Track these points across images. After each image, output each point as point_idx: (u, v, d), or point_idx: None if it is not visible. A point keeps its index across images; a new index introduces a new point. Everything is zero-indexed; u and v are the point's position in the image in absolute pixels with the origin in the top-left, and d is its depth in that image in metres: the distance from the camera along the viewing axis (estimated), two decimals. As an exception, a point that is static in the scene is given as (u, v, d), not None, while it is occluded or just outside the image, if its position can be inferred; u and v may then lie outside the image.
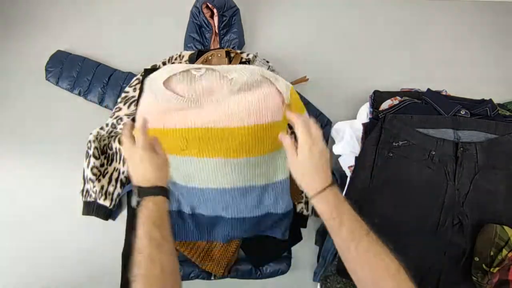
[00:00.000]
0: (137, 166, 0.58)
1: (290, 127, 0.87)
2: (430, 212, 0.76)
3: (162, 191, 0.57)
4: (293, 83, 0.94)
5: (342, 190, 0.86)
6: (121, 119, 0.88)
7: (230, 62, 0.94)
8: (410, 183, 0.77)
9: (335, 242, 0.53)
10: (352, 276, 0.51)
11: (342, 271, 0.78)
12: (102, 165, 0.86)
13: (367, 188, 0.80)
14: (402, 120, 0.80)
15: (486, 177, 0.76)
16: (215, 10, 0.94)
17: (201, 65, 0.77)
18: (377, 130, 0.82)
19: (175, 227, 0.80)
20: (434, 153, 0.77)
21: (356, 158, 0.84)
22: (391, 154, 0.79)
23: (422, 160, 0.78)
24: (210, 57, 0.92)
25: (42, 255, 0.87)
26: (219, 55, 0.92)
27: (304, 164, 0.54)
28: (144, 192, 0.56)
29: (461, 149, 0.77)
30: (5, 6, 1.08)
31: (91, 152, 0.84)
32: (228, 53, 0.94)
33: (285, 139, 0.58)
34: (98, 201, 0.84)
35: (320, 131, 0.56)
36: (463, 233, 0.74)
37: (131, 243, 0.82)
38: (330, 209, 0.52)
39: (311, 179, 0.54)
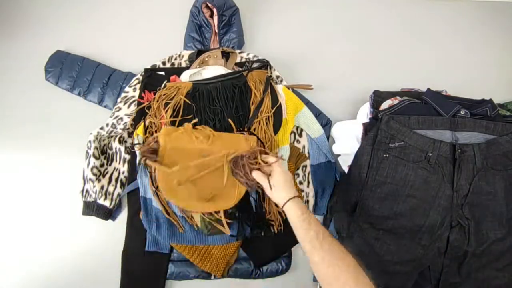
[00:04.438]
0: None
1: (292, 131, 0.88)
2: (427, 214, 0.76)
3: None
4: (295, 87, 0.94)
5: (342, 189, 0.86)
6: (121, 119, 0.88)
7: (227, 61, 0.94)
8: (406, 184, 0.77)
9: (303, 246, 0.60)
10: (317, 274, 0.57)
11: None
12: (102, 165, 0.86)
13: (362, 188, 0.80)
14: (399, 121, 0.80)
15: (485, 179, 0.76)
16: (214, 10, 0.94)
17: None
18: (374, 131, 0.82)
19: (170, 229, 0.80)
20: (430, 154, 0.77)
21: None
22: (387, 155, 0.79)
23: (419, 161, 0.78)
24: (206, 59, 0.93)
25: (42, 255, 0.87)
26: (215, 56, 0.92)
27: (277, 184, 0.67)
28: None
29: (459, 151, 0.76)
30: (5, 6, 1.08)
31: (91, 152, 0.84)
32: (224, 53, 0.94)
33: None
34: (98, 201, 0.84)
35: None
36: (464, 234, 0.74)
37: (131, 242, 0.83)
38: (301, 211, 0.62)
39: (282, 191, 0.66)
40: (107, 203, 0.84)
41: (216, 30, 0.98)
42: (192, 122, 0.74)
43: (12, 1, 1.09)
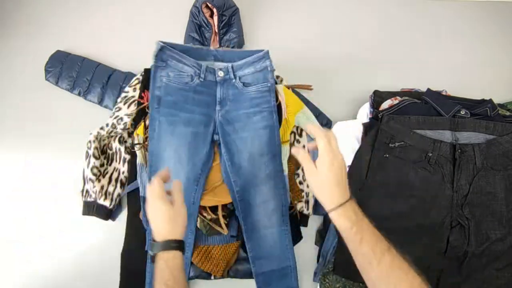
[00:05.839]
0: (151, 218, 0.56)
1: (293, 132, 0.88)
2: (427, 214, 0.76)
3: (174, 245, 0.53)
4: (295, 87, 0.94)
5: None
6: (121, 119, 0.88)
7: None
8: (406, 184, 0.77)
9: (355, 259, 0.51)
10: None
11: (338, 269, 0.78)
12: (102, 165, 0.86)
13: (362, 189, 0.80)
14: (399, 121, 0.80)
15: (485, 179, 0.76)
16: (214, 10, 0.94)
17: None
18: (374, 131, 0.82)
19: None
20: (431, 154, 0.77)
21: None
22: (387, 155, 0.79)
23: (419, 161, 0.78)
24: (206, 58, 0.92)
25: (42, 255, 0.87)
26: (215, 56, 0.92)
27: (324, 177, 0.53)
28: (156, 247, 0.53)
29: (459, 151, 0.77)
30: (5, 6, 1.08)
31: (91, 152, 0.84)
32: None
33: (299, 152, 0.56)
34: (98, 201, 0.84)
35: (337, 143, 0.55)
36: (464, 234, 0.74)
37: (131, 242, 0.83)
38: (351, 224, 0.51)
39: (330, 192, 0.53)
40: (107, 203, 0.84)
41: (216, 30, 0.98)
42: None
43: (12, 1, 1.09)
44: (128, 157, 0.88)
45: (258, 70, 0.81)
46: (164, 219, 0.54)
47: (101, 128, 0.87)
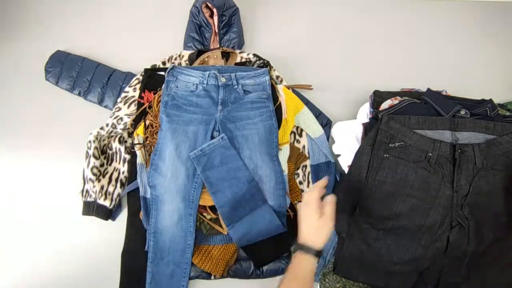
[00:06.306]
0: (301, 221, 0.64)
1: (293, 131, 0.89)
2: (427, 214, 0.76)
3: (313, 251, 0.61)
4: (295, 87, 0.94)
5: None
6: (121, 119, 0.88)
7: (227, 62, 0.94)
8: (406, 184, 0.77)
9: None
10: None
11: (338, 269, 0.78)
12: (102, 165, 0.86)
13: (362, 188, 0.80)
14: (399, 121, 0.80)
15: (485, 179, 0.76)
16: (214, 10, 0.94)
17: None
18: (374, 131, 0.82)
19: None
20: (431, 154, 0.77)
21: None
22: (387, 155, 0.79)
23: (419, 161, 0.78)
24: (206, 59, 0.93)
25: (41, 255, 0.87)
26: (215, 56, 0.93)
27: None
28: (297, 246, 0.62)
29: (459, 151, 0.76)
30: (5, 6, 1.08)
31: (91, 152, 0.84)
32: (224, 53, 0.94)
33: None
34: (98, 201, 0.84)
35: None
36: (464, 234, 0.74)
37: (131, 242, 0.83)
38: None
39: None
40: (107, 203, 0.84)
41: (216, 30, 0.98)
42: None
43: (13, 1, 1.09)
44: (128, 157, 0.88)
45: (257, 83, 0.87)
46: (311, 227, 0.63)
47: (101, 128, 0.87)
